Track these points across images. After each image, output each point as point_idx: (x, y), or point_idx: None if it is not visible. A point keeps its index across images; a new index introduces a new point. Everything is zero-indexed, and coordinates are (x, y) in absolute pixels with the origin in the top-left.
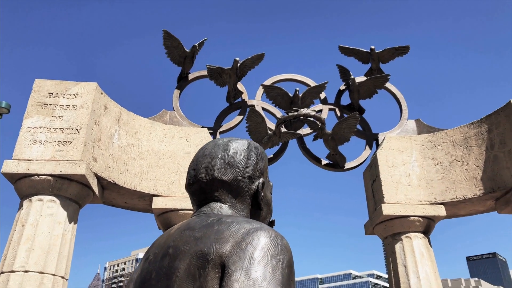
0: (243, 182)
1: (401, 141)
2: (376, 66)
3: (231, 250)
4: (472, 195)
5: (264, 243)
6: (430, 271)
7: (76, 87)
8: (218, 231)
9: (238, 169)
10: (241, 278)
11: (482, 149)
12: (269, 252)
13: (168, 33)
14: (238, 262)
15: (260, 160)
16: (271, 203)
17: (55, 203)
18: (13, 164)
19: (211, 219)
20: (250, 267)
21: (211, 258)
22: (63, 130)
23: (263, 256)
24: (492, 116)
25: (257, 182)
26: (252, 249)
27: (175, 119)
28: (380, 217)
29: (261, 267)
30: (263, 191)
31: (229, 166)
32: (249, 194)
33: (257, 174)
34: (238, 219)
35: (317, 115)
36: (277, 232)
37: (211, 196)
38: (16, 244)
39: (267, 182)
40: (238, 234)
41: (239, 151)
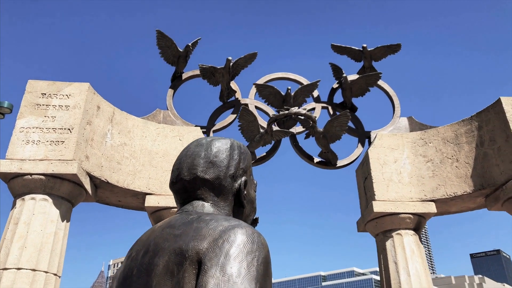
0: (225, 181)
1: (393, 138)
2: (368, 64)
3: (208, 247)
4: (462, 192)
5: (241, 240)
6: (420, 267)
7: (68, 87)
8: (197, 228)
9: (221, 168)
10: (216, 274)
11: (473, 146)
12: (245, 248)
13: (161, 33)
14: (214, 258)
15: (243, 159)
16: (255, 201)
17: (48, 202)
18: (6, 164)
19: (191, 217)
20: (226, 263)
21: (189, 255)
22: (55, 130)
23: (238, 252)
24: (482, 113)
25: (240, 181)
26: (228, 246)
27: (169, 118)
28: (371, 215)
29: (237, 263)
30: (246, 190)
31: (211, 165)
32: (231, 193)
33: (239, 172)
34: (217, 216)
35: (307, 113)
36: (255, 230)
37: (193, 194)
38: (9, 242)
39: (251, 181)
40: (215, 231)
41: (222, 150)
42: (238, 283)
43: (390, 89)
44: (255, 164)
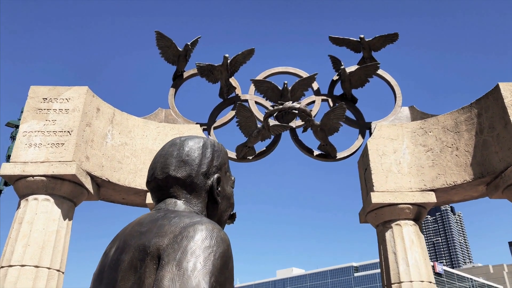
0: (197, 178)
1: (392, 129)
2: (368, 54)
3: (168, 243)
4: (462, 181)
5: (199, 235)
6: (419, 257)
7: (68, 91)
8: (160, 226)
9: (192, 166)
10: (172, 269)
11: (472, 134)
12: (203, 244)
13: (160, 34)
14: (172, 254)
15: (216, 157)
16: (232, 196)
17: (50, 201)
18: (10, 167)
19: (158, 215)
20: (182, 259)
21: (150, 251)
22: (56, 133)
23: (196, 248)
24: (481, 100)
25: (212, 178)
26: (187, 241)
27: (170, 116)
28: (370, 206)
29: (193, 258)
30: (220, 186)
31: (183, 164)
32: (204, 190)
33: (212, 170)
34: (182, 213)
35: (302, 107)
36: (216, 226)
37: (167, 192)
38: (14, 240)
39: (227, 177)
40: (177, 228)
41: (194, 149)
42: (192, 277)
43: (391, 78)
44: (255, 159)
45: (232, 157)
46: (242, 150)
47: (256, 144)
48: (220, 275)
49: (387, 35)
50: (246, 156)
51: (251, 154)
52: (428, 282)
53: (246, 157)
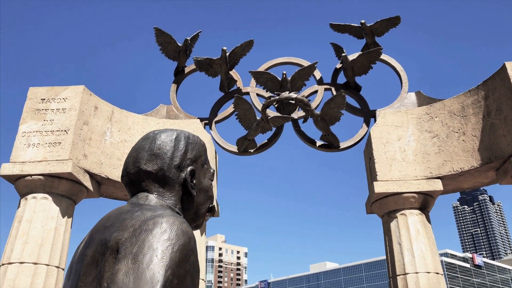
0: (169, 172)
1: (396, 116)
2: (371, 40)
3: (127, 237)
4: (469, 167)
5: (158, 228)
6: (425, 248)
7: (65, 91)
8: (123, 219)
9: (164, 160)
10: (128, 263)
11: (479, 118)
12: (161, 237)
13: (159, 30)
14: (129, 247)
15: (190, 149)
16: (210, 189)
17: (48, 200)
18: (9, 167)
19: (125, 209)
20: (139, 252)
21: (110, 245)
22: (53, 132)
23: (154, 241)
24: (488, 81)
25: (186, 171)
26: (145, 235)
27: (172, 112)
28: (373, 195)
29: (150, 251)
30: (195, 179)
31: (154, 157)
32: (178, 183)
33: (186, 162)
34: (146, 207)
35: (299, 97)
36: (177, 219)
37: (139, 187)
38: (13, 238)
39: (204, 170)
40: (137, 221)
41: (166, 142)
42: (147, 270)
43: (397, 64)
44: (257, 151)
45: (233, 151)
46: (243, 143)
47: (258, 136)
48: (178, 268)
49: (389, 19)
50: (248, 149)
51: (252, 147)
52: (435, 273)
53: (248, 150)
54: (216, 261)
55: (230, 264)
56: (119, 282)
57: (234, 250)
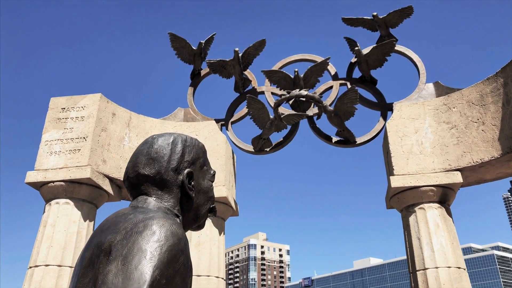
0: (167, 175)
1: (413, 108)
2: (385, 32)
3: (119, 240)
4: (490, 158)
5: (148, 230)
6: (446, 242)
7: (83, 100)
8: (117, 223)
9: (161, 163)
10: (118, 264)
11: (499, 106)
12: (151, 238)
13: (174, 35)
14: (120, 249)
15: (188, 152)
16: (210, 190)
17: (70, 204)
18: (33, 174)
19: (121, 213)
20: (128, 253)
21: (104, 247)
22: (73, 140)
23: (143, 242)
24: (507, 67)
25: (183, 173)
26: (135, 237)
27: (189, 115)
28: (390, 190)
29: (139, 252)
30: (193, 180)
31: (152, 161)
32: (176, 185)
33: (184, 165)
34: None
35: (309, 94)
36: (168, 221)
37: (139, 190)
38: (39, 243)
39: (203, 171)
40: (129, 224)
41: (163, 146)
42: (135, 270)
43: (413, 54)
44: (273, 150)
45: (249, 150)
46: (258, 143)
47: (274, 135)
48: (166, 268)
49: (401, 9)
50: (263, 148)
51: (267, 145)
52: (456, 268)
53: (264, 149)
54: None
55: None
56: (108, 283)
57: (276, 248)
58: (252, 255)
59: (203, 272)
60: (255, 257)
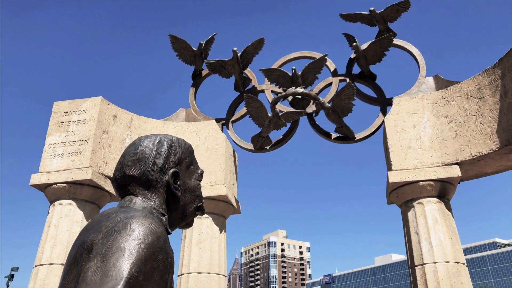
0: (152, 175)
1: (411, 102)
2: (384, 27)
3: (100, 238)
4: (488, 151)
5: (128, 229)
6: (444, 236)
7: (85, 103)
8: (100, 222)
9: (147, 164)
10: (97, 261)
11: (496, 98)
12: (130, 236)
13: (174, 37)
14: (100, 248)
15: (174, 152)
16: (197, 189)
17: (72, 205)
18: (37, 177)
19: (105, 213)
20: (107, 251)
21: (86, 246)
22: (75, 142)
23: (122, 241)
24: (504, 59)
25: (169, 173)
26: (115, 235)
27: (191, 115)
28: (388, 185)
29: (118, 250)
30: (179, 180)
31: (137, 162)
32: (161, 185)
33: (169, 165)
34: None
35: (305, 91)
36: (148, 220)
37: (126, 190)
38: (44, 242)
39: (190, 171)
40: (111, 223)
41: (148, 147)
42: (113, 267)
43: (413, 48)
44: (273, 148)
45: (250, 149)
46: (258, 141)
47: (274, 133)
48: (144, 265)
49: (399, 3)
50: (263, 146)
51: (267, 143)
52: (455, 263)
53: (263, 147)
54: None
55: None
56: (87, 279)
57: (296, 245)
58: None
59: (204, 269)
60: (275, 254)
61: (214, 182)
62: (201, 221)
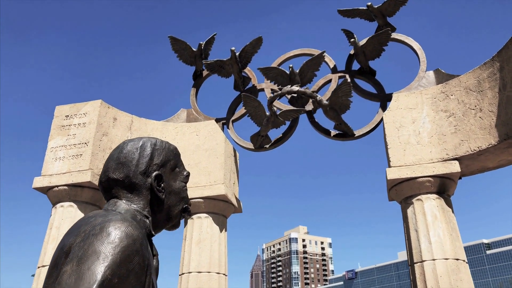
0: (135, 178)
1: (410, 97)
2: (382, 22)
3: (78, 242)
4: (487, 145)
5: (104, 232)
6: (444, 233)
7: (85, 106)
8: (80, 226)
9: (130, 167)
10: (73, 265)
11: (495, 92)
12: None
13: (174, 38)
14: (76, 251)
15: (157, 155)
16: (183, 191)
17: (73, 207)
18: (39, 180)
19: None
20: (83, 255)
21: (65, 250)
22: (75, 146)
23: (98, 244)
24: (503, 51)
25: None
26: (91, 239)
27: (192, 116)
28: (387, 182)
29: (93, 254)
30: (163, 182)
31: (121, 166)
32: (145, 188)
33: (153, 168)
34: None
35: (301, 90)
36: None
37: (110, 194)
38: (46, 244)
39: (175, 173)
40: (89, 227)
41: (131, 151)
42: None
43: (413, 42)
44: (273, 146)
45: (250, 148)
46: (257, 140)
47: (274, 131)
48: (119, 268)
49: None
50: (263, 145)
51: (266, 142)
52: (455, 260)
53: (263, 146)
54: (301, 252)
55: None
56: (62, 283)
57: (318, 241)
58: (294, 249)
59: (204, 268)
60: (296, 250)
61: (213, 181)
62: (201, 220)
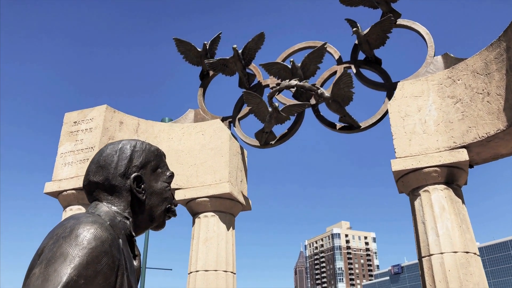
0: (115, 180)
1: (416, 85)
2: (386, 8)
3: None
4: (496, 131)
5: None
6: (452, 225)
7: (92, 112)
8: (55, 228)
9: (109, 170)
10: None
11: (503, 73)
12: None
13: (179, 40)
14: (47, 254)
15: (137, 157)
16: (165, 191)
17: (81, 210)
18: (50, 185)
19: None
20: (51, 257)
21: (39, 252)
22: (83, 150)
23: (66, 246)
24: (508, 30)
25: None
26: (61, 241)
27: (199, 115)
28: (394, 174)
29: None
30: (143, 183)
31: (100, 169)
32: (125, 189)
33: (132, 170)
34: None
35: (299, 83)
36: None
37: (92, 196)
38: None
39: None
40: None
41: (110, 153)
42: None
43: (420, 27)
44: (278, 142)
45: (255, 145)
46: (262, 137)
47: (279, 127)
48: (85, 269)
49: None
50: (268, 142)
51: (272, 139)
52: (464, 253)
53: (269, 143)
54: (344, 248)
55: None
56: (30, 285)
57: (361, 236)
58: (337, 244)
59: (211, 267)
60: (340, 246)
61: (218, 180)
62: (207, 219)
